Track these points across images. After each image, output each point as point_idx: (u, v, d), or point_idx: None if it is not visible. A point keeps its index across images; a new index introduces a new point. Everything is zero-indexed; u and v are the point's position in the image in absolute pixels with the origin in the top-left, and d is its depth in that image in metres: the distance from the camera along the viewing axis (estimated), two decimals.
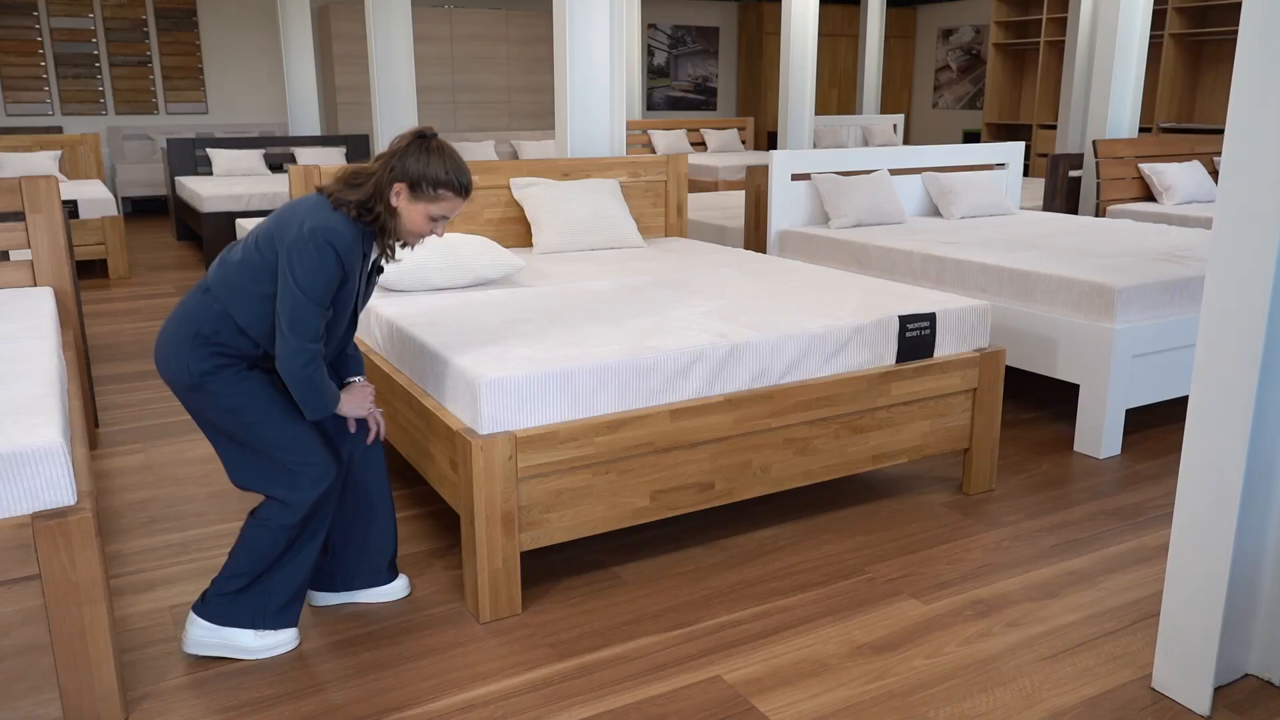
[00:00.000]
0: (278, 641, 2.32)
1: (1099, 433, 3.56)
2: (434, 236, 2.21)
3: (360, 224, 2.18)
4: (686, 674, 2.25)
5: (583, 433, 2.45)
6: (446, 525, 3.04)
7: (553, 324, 2.83)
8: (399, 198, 2.18)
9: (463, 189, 2.21)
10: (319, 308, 2.14)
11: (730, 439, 2.70)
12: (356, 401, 2.36)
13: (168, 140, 8.72)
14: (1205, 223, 5.63)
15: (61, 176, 8.11)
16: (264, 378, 2.25)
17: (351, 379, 2.45)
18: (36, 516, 1.84)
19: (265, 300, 2.18)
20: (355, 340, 2.61)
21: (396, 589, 2.59)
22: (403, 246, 2.32)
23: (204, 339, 2.17)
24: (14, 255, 3.77)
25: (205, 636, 2.29)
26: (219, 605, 2.29)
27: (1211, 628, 2.07)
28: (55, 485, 1.87)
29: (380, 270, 2.39)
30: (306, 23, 9.25)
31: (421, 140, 2.20)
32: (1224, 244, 1.94)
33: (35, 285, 3.45)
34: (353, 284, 2.23)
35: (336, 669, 2.27)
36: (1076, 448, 3.65)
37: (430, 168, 2.16)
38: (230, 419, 2.20)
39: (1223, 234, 1.94)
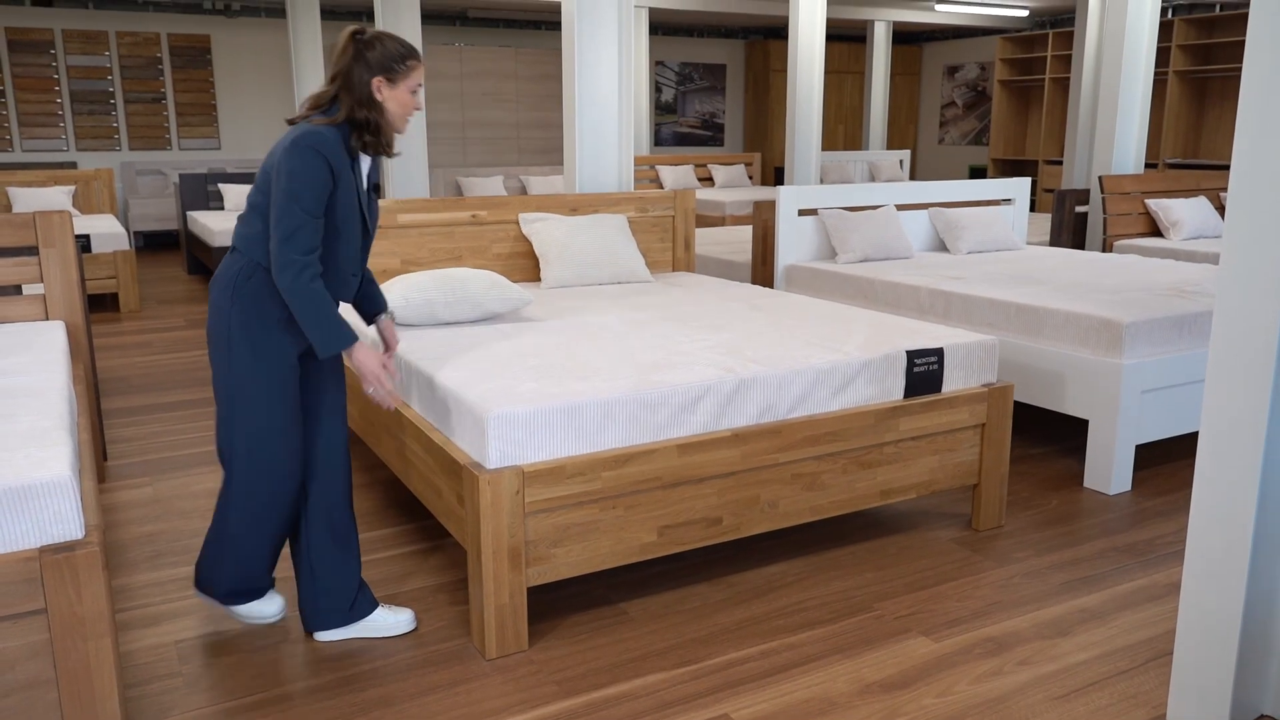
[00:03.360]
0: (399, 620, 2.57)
1: (1109, 468, 3.54)
2: (417, 110, 2.37)
3: (360, 139, 2.29)
4: (694, 712, 2.23)
5: (590, 467, 2.45)
6: (453, 560, 3.02)
7: (560, 358, 2.84)
8: (381, 91, 2.29)
9: (418, 54, 2.34)
10: (310, 217, 2.22)
11: (737, 474, 2.69)
12: (368, 360, 2.36)
13: (180, 175, 8.81)
14: (1212, 258, 5.63)
15: (75, 211, 8.19)
16: (282, 371, 2.34)
17: (380, 316, 2.58)
18: (44, 550, 1.84)
19: None
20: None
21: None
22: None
23: (237, 288, 2.30)
24: (27, 289, 3.79)
25: (334, 635, 2.54)
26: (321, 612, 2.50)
27: (1225, 667, 2.04)
28: (63, 519, 1.87)
29: (378, 189, 2.47)
30: (318, 60, 9.37)
31: (362, 37, 2.29)
32: (1232, 279, 1.94)
33: (47, 319, 3.48)
34: (349, 196, 2.30)
35: (342, 706, 2.25)
36: (1086, 483, 3.63)
37: (389, 50, 2.29)
38: (228, 380, 2.32)
39: (1230, 269, 1.94)
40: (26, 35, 9.94)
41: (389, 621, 2.56)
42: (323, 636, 2.53)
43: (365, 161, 2.40)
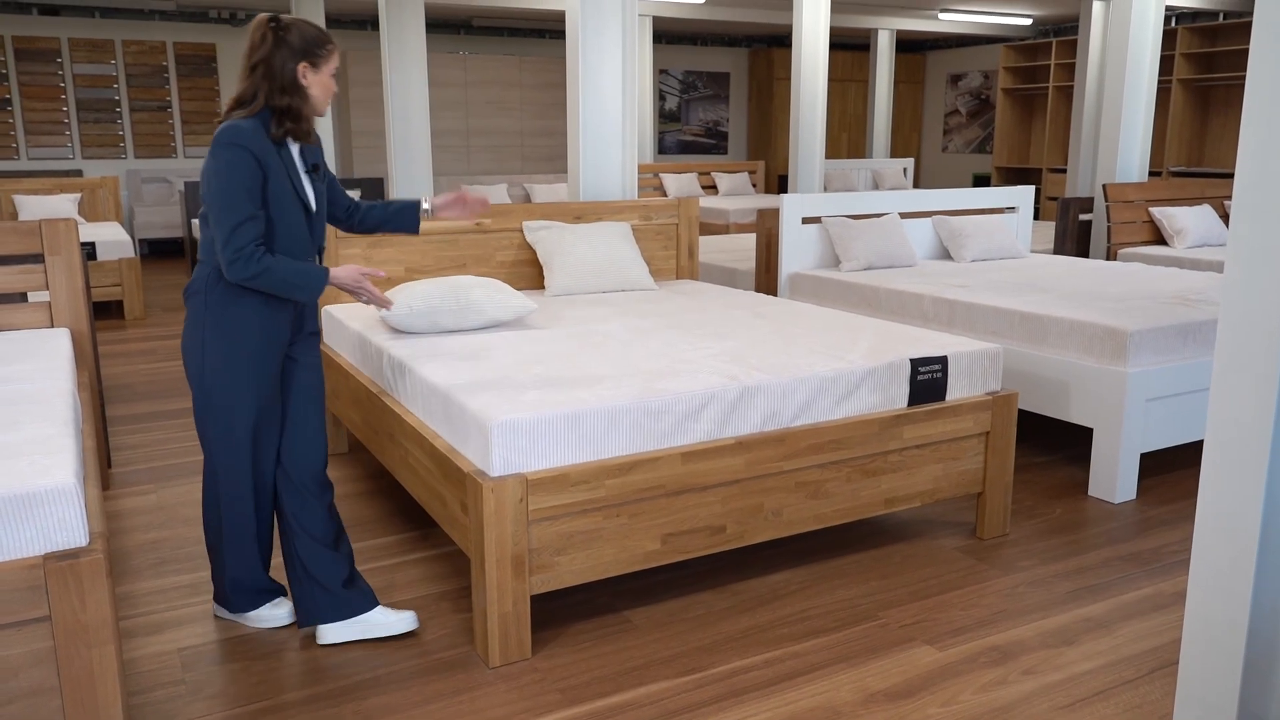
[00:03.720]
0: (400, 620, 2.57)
1: (1113, 477, 3.53)
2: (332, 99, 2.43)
3: (280, 125, 2.31)
4: None
5: (594, 475, 2.45)
6: (456, 568, 3.02)
7: (564, 366, 2.84)
8: (306, 76, 2.32)
9: (333, 40, 2.37)
10: (247, 205, 2.24)
11: (741, 482, 2.69)
12: (347, 275, 2.42)
13: (185, 183, 8.83)
14: (1217, 266, 5.62)
15: (80, 219, 8.21)
16: (259, 366, 2.39)
17: (423, 211, 2.72)
18: (48, 558, 1.84)
19: None
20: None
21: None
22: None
23: (208, 293, 2.35)
24: (32, 297, 3.80)
25: (335, 635, 2.54)
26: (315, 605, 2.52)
27: (1231, 677, 2.03)
28: (68, 526, 1.87)
29: (316, 168, 2.47)
30: None
31: (279, 25, 2.31)
32: (1236, 287, 1.94)
33: (52, 326, 3.48)
34: (281, 184, 2.32)
35: (345, 714, 2.25)
36: (1091, 492, 3.62)
37: (309, 35, 2.32)
38: (201, 379, 2.39)
39: (1235, 277, 1.94)
40: (33, 44, 9.99)
41: (389, 620, 2.55)
42: (325, 637, 2.52)
43: (294, 145, 2.41)
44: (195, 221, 8.76)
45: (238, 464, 2.44)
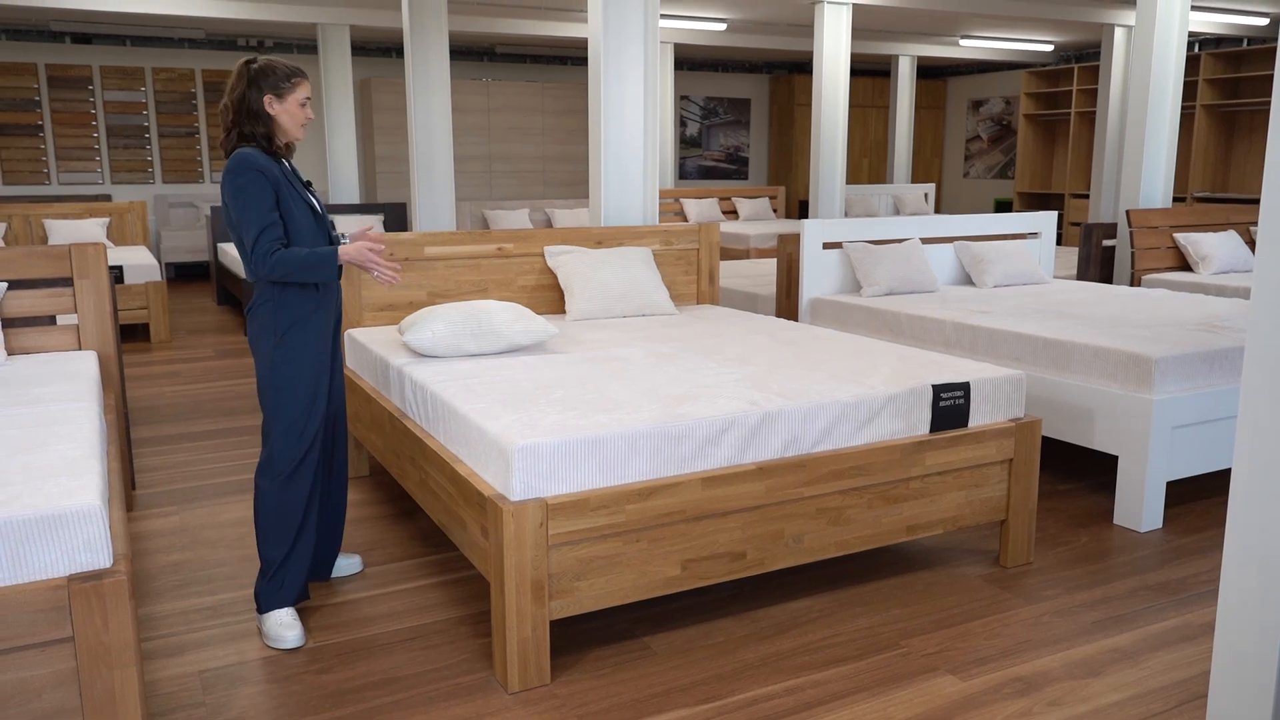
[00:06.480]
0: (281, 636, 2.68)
1: (1139, 505, 3.49)
2: (309, 120, 2.72)
3: (257, 146, 2.62)
4: None
5: (614, 500, 2.45)
6: (476, 592, 3.02)
7: (585, 391, 2.84)
8: (274, 105, 2.64)
9: (303, 73, 2.69)
10: (266, 215, 2.55)
11: (762, 508, 2.68)
12: (355, 252, 2.67)
13: (211, 208, 8.95)
14: (1243, 292, 5.57)
15: (108, 243, 8.32)
16: (320, 352, 2.72)
17: (341, 241, 2.87)
18: (73, 579, 1.86)
19: None
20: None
21: (353, 564, 3.14)
22: (290, 142, 2.74)
23: (271, 304, 2.66)
24: (61, 320, 3.85)
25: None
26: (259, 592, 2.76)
27: (1262, 710, 2.00)
28: (93, 547, 1.89)
29: (309, 184, 2.79)
30: (349, 95, 9.52)
31: (252, 63, 2.63)
32: (1263, 313, 1.92)
33: (80, 349, 3.53)
34: (290, 193, 2.64)
35: None
36: (1116, 520, 3.58)
37: (276, 70, 2.64)
38: (274, 367, 2.68)
39: (1262, 303, 1.92)
40: (66, 71, 10.18)
41: (275, 630, 2.69)
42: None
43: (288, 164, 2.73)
44: (221, 246, 8.86)
45: (305, 427, 2.70)
